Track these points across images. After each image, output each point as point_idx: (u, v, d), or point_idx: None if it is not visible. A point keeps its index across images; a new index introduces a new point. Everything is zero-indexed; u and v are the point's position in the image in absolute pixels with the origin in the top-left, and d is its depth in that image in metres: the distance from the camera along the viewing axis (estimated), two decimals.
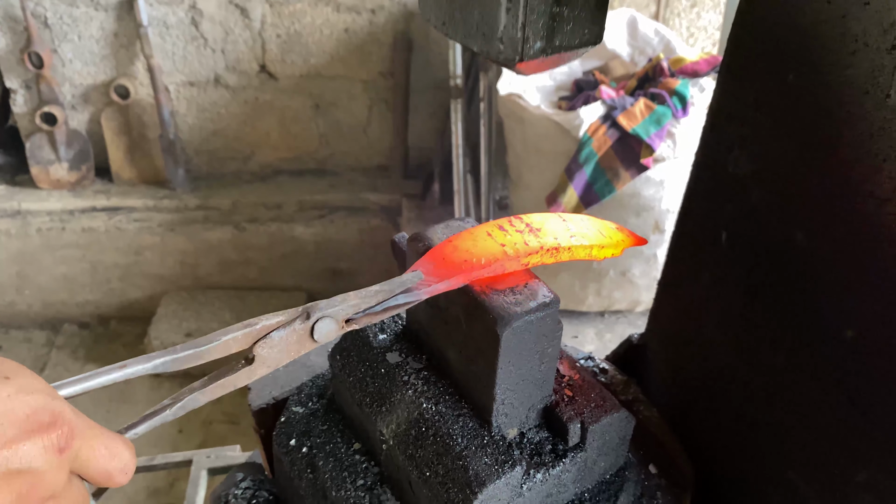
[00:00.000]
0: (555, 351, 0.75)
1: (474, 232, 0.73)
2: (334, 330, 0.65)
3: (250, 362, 0.63)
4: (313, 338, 0.65)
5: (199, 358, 0.61)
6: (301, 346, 0.65)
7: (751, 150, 0.87)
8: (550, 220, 0.76)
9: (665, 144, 2.15)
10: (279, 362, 0.64)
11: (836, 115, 0.70)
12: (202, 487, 1.69)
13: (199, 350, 0.60)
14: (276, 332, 0.63)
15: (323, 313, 0.64)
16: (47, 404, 0.49)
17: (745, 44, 0.88)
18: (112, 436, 0.54)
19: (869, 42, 0.66)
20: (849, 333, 0.71)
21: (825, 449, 0.76)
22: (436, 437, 0.75)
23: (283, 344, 0.64)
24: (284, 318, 0.63)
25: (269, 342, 0.63)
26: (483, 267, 0.69)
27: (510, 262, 0.71)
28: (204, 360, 0.61)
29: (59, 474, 0.49)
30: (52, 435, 0.48)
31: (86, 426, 0.52)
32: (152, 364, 0.59)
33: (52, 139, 3.08)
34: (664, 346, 1.17)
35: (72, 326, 3.33)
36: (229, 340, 0.61)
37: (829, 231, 0.74)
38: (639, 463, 0.93)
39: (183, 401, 0.61)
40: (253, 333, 0.62)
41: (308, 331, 0.64)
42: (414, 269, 0.70)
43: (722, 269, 0.96)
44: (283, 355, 0.64)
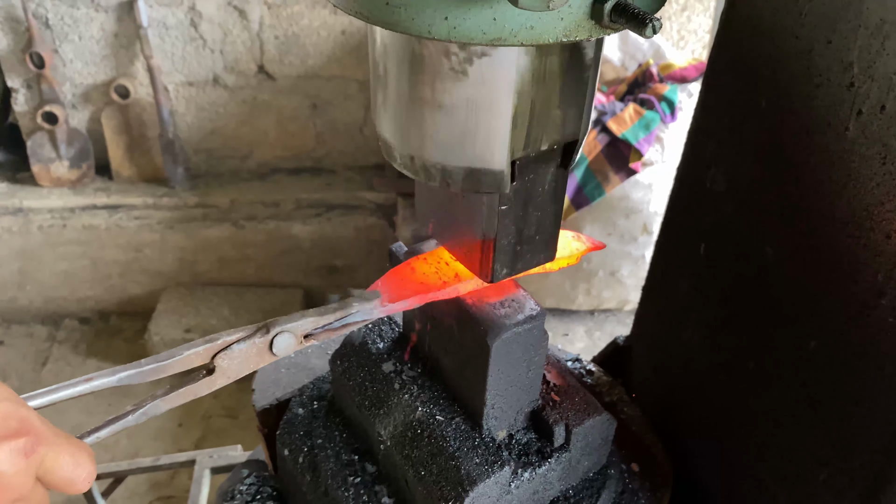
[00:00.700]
0: (541, 359, 0.81)
1: (435, 254, 0.79)
2: (293, 344, 0.70)
3: (211, 373, 0.67)
4: (272, 351, 0.69)
5: (163, 371, 0.65)
6: (260, 359, 0.69)
7: (726, 169, 0.93)
8: None
9: (654, 149, 2.20)
10: (238, 373, 0.68)
11: (802, 142, 0.76)
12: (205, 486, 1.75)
13: (163, 364, 0.64)
14: (237, 345, 0.67)
15: (282, 328, 0.68)
16: (15, 411, 0.51)
17: (723, 67, 0.94)
18: (77, 444, 0.55)
19: (831, 78, 0.72)
20: (812, 344, 0.77)
21: (791, 450, 0.82)
22: (430, 439, 0.81)
23: (242, 356, 0.67)
24: (244, 334, 0.68)
25: (229, 354, 0.67)
26: (438, 289, 0.75)
27: (466, 284, 0.76)
28: (167, 372, 0.65)
29: (24, 478, 0.51)
30: (20, 440, 0.50)
31: (52, 434, 0.53)
32: (117, 377, 0.63)
33: (53, 138, 3.11)
34: (647, 348, 1.23)
35: (73, 322, 3.37)
36: (192, 355, 0.65)
37: (795, 248, 0.79)
38: (621, 462, 0.98)
39: (145, 407, 0.65)
40: (214, 348, 0.66)
41: (267, 344, 0.68)
42: (373, 289, 0.75)
43: (701, 279, 1.01)
44: (242, 367, 0.68)
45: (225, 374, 0.68)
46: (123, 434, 2.78)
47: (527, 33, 0.50)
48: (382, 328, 0.94)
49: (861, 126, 0.68)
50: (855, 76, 0.68)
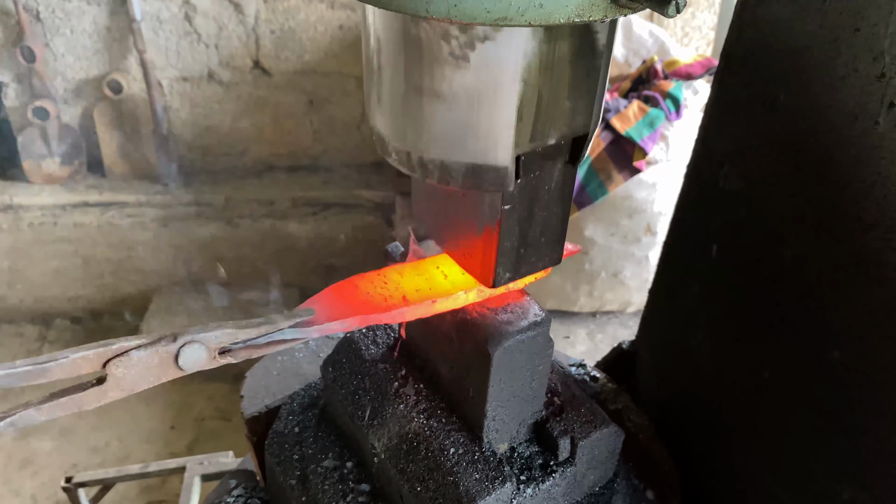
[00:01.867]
0: (545, 368, 0.76)
1: (382, 273, 0.73)
2: (204, 359, 0.60)
3: (101, 382, 0.58)
4: (178, 364, 0.59)
5: (41, 376, 0.55)
6: (163, 372, 0.59)
7: (740, 167, 0.88)
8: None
9: (658, 147, 2.16)
10: (136, 386, 0.58)
11: (826, 138, 0.71)
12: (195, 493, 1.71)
13: (42, 367, 0.54)
14: (136, 353, 0.57)
15: (192, 338, 0.59)
16: None
17: (737, 62, 0.89)
18: None
19: (859, 68, 0.67)
20: (835, 354, 0.72)
21: (809, 465, 0.77)
22: (427, 452, 0.76)
23: (141, 365, 0.58)
24: (146, 340, 0.58)
25: (125, 361, 0.57)
26: (382, 311, 0.67)
27: (413, 309, 0.69)
28: (47, 378, 0.55)
29: None
30: None
31: None
32: None
33: (45, 133, 3.06)
34: (654, 353, 1.18)
35: (64, 321, 3.32)
36: (78, 359, 0.56)
37: (815, 252, 0.74)
38: (627, 474, 0.94)
39: (14, 416, 0.55)
40: (107, 353, 0.57)
41: (173, 355, 0.59)
42: (309, 305, 0.67)
43: (711, 282, 0.97)
44: (140, 379, 0.58)
45: (118, 386, 0.57)
46: (114, 436, 2.73)
47: (535, 12, 0.45)
48: (377, 333, 0.89)
49: (893, 120, 0.63)
50: (886, 66, 0.64)
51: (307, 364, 1.06)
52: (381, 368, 0.85)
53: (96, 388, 0.57)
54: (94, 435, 2.72)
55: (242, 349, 0.62)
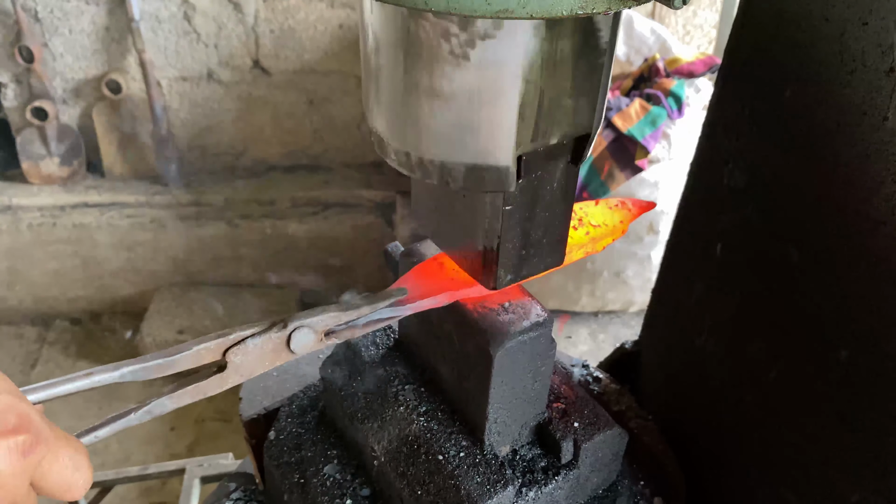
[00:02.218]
0: (548, 369, 0.75)
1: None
2: (312, 341, 0.64)
3: (222, 369, 0.61)
4: (290, 348, 0.63)
5: (170, 367, 0.59)
6: (277, 357, 0.63)
7: (746, 164, 0.86)
8: None
9: (660, 145, 2.14)
10: (253, 371, 0.62)
11: (834, 134, 0.70)
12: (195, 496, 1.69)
13: (170, 359, 0.59)
14: (251, 340, 0.61)
15: (301, 323, 0.63)
16: (14, 406, 0.47)
17: (742, 57, 0.87)
18: (77, 447, 0.51)
19: (867, 62, 0.65)
20: (843, 354, 0.70)
21: (818, 467, 0.76)
22: (427, 455, 0.75)
23: (257, 352, 0.62)
24: (260, 328, 0.62)
25: (242, 349, 0.61)
26: (469, 286, 0.69)
27: None
28: (174, 369, 0.59)
29: (20, 479, 0.47)
30: (18, 438, 0.46)
31: (52, 434, 0.49)
32: (119, 373, 0.57)
33: (43, 134, 3.05)
34: (658, 354, 1.17)
35: (63, 322, 3.31)
36: (202, 350, 0.60)
37: (823, 250, 0.73)
38: (631, 476, 0.92)
39: (149, 405, 0.59)
40: (226, 342, 0.60)
41: (285, 340, 0.63)
42: (399, 285, 0.70)
43: (716, 281, 0.95)
44: (257, 364, 0.62)
45: (238, 372, 0.62)
46: (114, 438, 2.72)
47: (537, 4, 0.43)
48: (376, 334, 0.88)
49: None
50: (895, 60, 0.62)
51: (306, 365, 1.05)
52: (380, 370, 0.83)
53: (218, 375, 0.61)
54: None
55: (345, 330, 0.66)
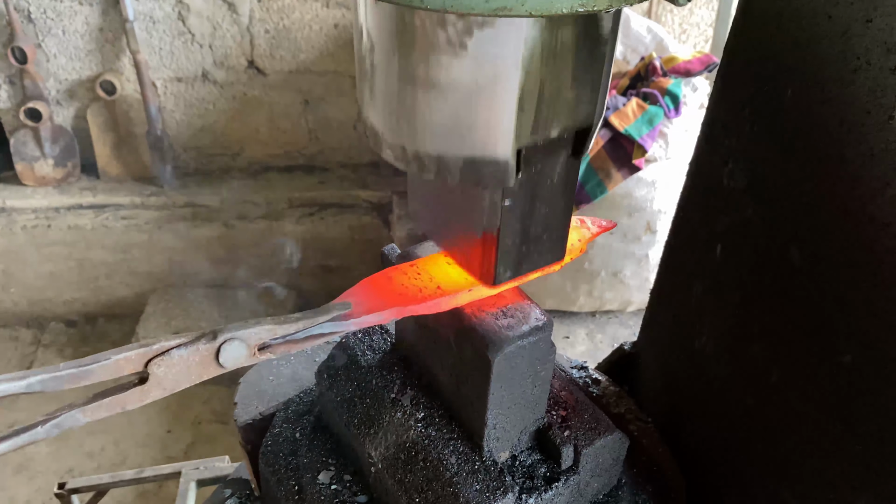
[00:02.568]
0: (547, 374, 0.74)
1: (416, 265, 0.71)
2: (244, 356, 0.61)
3: (143, 381, 0.58)
4: (219, 361, 0.60)
5: (85, 378, 0.55)
6: (204, 370, 0.60)
7: (746, 164, 0.85)
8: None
9: (657, 145, 2.13)
10: (177, 385, 0.59)
11: (837, 134, 0.69)
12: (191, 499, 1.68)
13: (86, 369, 0.55)
14: (177, 351, 0.58)
15: (232, 335, 0.59)
16: None
17: (742, 55, 0.86)
18: None
19: (871, 61, 0.64)
20: (846, 358, 0.69)
21: (821, 471, 0.75)
22: (425, 462, 0.74)
23: (182, 364, 0.58)
24: (186, 339, 0.59)
25: (166, 361, 0.57)
26: (418, 302, 0.67)
27: (448, 300, 0.68)
28: (90, 380, 0.56)
29: None
30: None
31: None
32: (26, 383, 0.53)
33: (37, 135, 3.03)
34: (657, 355, 1.15)
35: (58, 325, 3.29)
36: (121, 360, 0.56)
37: (826, 251, 0.72)
38: (631, 480, 0.91)
39: (59, 418, 0.55)
40: (148, 353, 0.57)
41: (213, 353, 0.59)
42: (345, 298, 0.67)
43: (716, 282, 0.94)
44: (182, 377, 0.59)
45: (161, 385, 0.58)
46: (110, 441, 2.70)
47: (536, 2, 0.42)
48: (373, 339, 0.87)
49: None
50: None
51: (302, 369, 1.04)
52: (377, 375, 0.82)
53: (138, 387, 0.58)
54: (90, 439, 2.69)
55: (281, 344, 0.62)
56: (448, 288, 0.68)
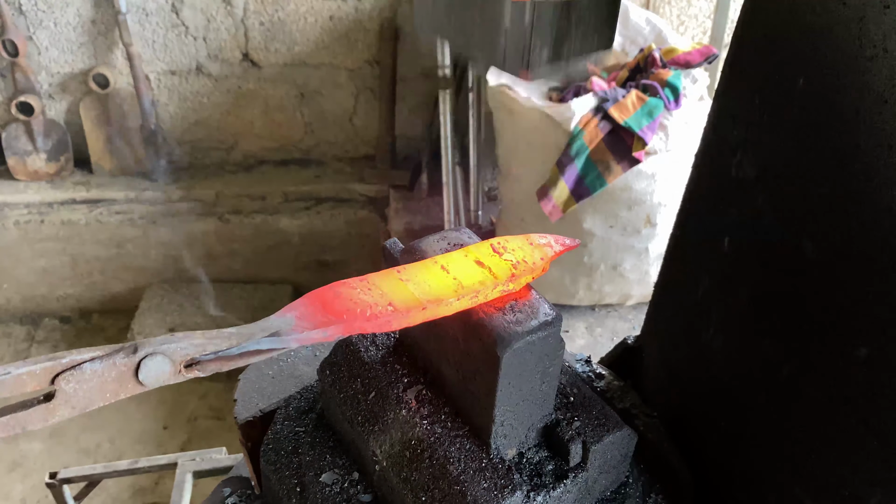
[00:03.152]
0: (556, 370, 0.72)
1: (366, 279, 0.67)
2: (167, 372, 0.55)
3: (49, 399, 0.52)
4: (138, 378, 0.54)
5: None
6: (121, 387, 0.54)
7: (756, 155, 0.84)
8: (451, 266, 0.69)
9: (657, 137, 2.11)
10: (89, 404, 0.53)
11: (852, 123, 0.67)
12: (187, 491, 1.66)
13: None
14: (90, 365, 0.52)
15: (154, 350, 0.54)
16: None
17: (751, 43, 0.84)
18: None
19: (889, 48, 0.62)
20: (862, 352, 0.68)
21: (835, 468, 0.74)
22: (431, 460, 0.72)
23: (96, 381, 0.52)
24: (101, 352, 0.53)
25: (77, 375, 0.52)
26: (367, 320, 0.62)
27: (399, 318, 0.63)
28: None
29: None
30: None
31: None
32: None
33: (29, 129, 2.99)
34: (662, 349, 1.14)
35: (52, 321, 3.26)
36: (23, 375, 0.50)
37: (840, 242, 0.70)
38: (638, 476, 0.90)
39: None
40: (55, 367, 0.51)
41: (133, 369, 0.54)
42: (288, 311, 0.61)
43: (724, 275, 0.92)
44: (95, 395, 0.53)
45: (69, 403, 0.52)
46: (105, 438, 2.68)
47: None
48: (377, 334, 0.85)
49: None
50: None
51: (304, 365, 1.02)
52: (381, 371, 0.80)
53: (43, 405, 0.52)
54: (85, 436, 2.67)
55: (212, 361, 0.56)
56: (401, 305, 0.63)
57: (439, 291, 0.65)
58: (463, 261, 0.69)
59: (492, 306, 0.68)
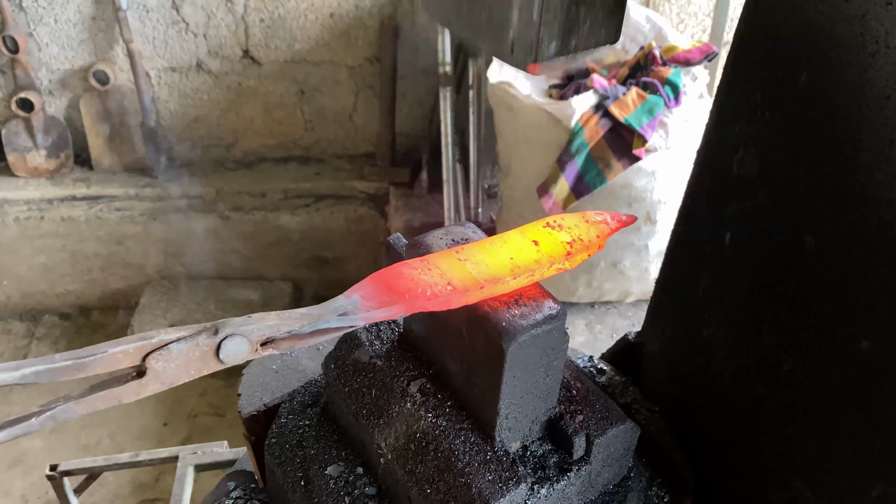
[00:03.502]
0: (560, 363, 0.73)
1: (427, 260, 0.69)
2: (245, 351, 0.59)
3: (141, 375, 0.56)
4: (219, 357, 0.58)
5: (80, 370, 0.54)
6: (204, 365, 0.58)
7: (758, 151, 0.84)
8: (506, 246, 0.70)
9: (657, 134, 2.12)
10: (176, 380, 0.57)
11: (854, 119, 0.68)
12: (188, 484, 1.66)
13: (81, 362, 0.53)
14: (176, 346, 0.56)
15: (233, 331, 0.58)
16: None
17: (753, 39, 0.85)
18: None
19: (890, 44, 0.63)
20: (863, 345, 0.69)
21: (836, 461, 0.74)
22: (436, 453, 0.73)
23: (181, 358, 0.57)
24: (186, 333, 0.57)
25: (164, 355, 0.56)
26: (427, 299, 0.64)
27: (458, 296, 0.65)
28: (86, 372, 0.54)
29: None
30: None
31: None
32: (20, 373, 0.52)
33: (29, 126, 2.99)
34: (662, 345, 1.15)
35: (52, 317, 3.27)
36: (118, 353, 0.55)
37: (842, 237, 0.71)
38: (641, 470, 0.91)
39: (54, 409, 0.54)
40: (146, 347, 0.56)
41: (214, 348, 0.58)
42: (354, 292, 0.64)
43: (725, 271, 0.93)
44: (181, 372, 0.57)
45: (158, 379, 0.57)
46: (105, 434, 2.69)
47: None
48: (381, 328, 0.86)
49: None
50: None
51: (307, 360, 1.03)
52: (385, 365, 0.81)
53: (136, 381, 0.56)
54: (85, 433, 2.68)
55: (286, 340, 0.60)
56: (459, 285, 0.66)
57: (496, 271, 0.67)
58: (519, 240, 0.70)
59: (497, 300, 0.68)
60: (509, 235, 0.72)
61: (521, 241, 0.71)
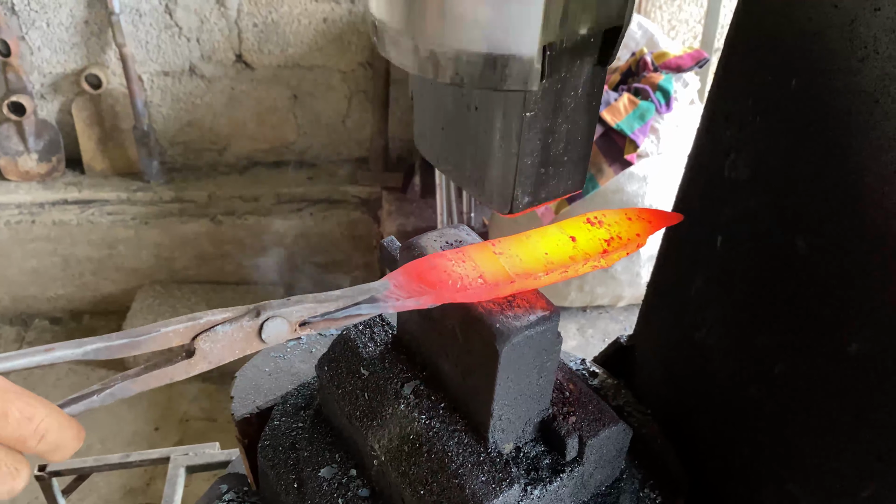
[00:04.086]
0: (553, 365, 0.73)
1: (462, 251, 0.69)
2: (285, 332, 0.63)
3: (190, 355, 0.60)
4: (261, 337, 0.62)
5: (135, 348, 0.58)
6: (248, 345, 0.62)
7: (749, 155, 0.85)
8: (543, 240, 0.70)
9: (649, 140, 2.13)
10: (222, 359, 0.61)
11: (844, 124, 0.68)
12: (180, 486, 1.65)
13: (136, 340, 0.57)
14: (222, 327, 0.60)
15: (274, 312, 0.61)
16: None
17: (744, 45, 0.86)
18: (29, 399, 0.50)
19: (879, 49, 0.64)
20: (853, 347, 0.69)
21: (828, 462, 0.75)
22: (430, 454, 0.73)
23: (227, 339, 0.61)
24: (232, 315, 0.61)
25: (212, 336, 0.60)
26: (458, 291, 0.65)
27: (489, 290, 0.66)
28: (140, 350, 0.58)
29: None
30: None
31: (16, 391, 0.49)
32: (82, 350, 0.56)
33: (21, 129, 2.98)
34: (655, 348, 1.15)
35: (43, 321, 3.25)
36: (169, 333, 0.58)
37: (832, 240, 0.72)
38: (633, 472, 0.91)
39: (113, 387, 0.58)
40: (196, 327, 0.59)
41: (256, 329, 0.62)
42: (387, 279, 0.66)
43: (717, 274, 0.94)
44: (226, 352, 0.61)
45: (206, 359, 0.60)
46: (96, 439, 2.67)
47: None
48: (374, 330, 0.86)
49: None
50: None
51: (300, 362, 1.03)
52: (379, 367, 0.81)
53: (186, 360, 0.60)
54: None
55: (321, 321, 0.64)
56: (490, 279, 0.66)
57: (529, 266, 0.67)
58: (556, 234, 0.70)
59: (491, 301, 0.69)
60: (548, 229, 0.72)
61: (558, 235, 0.70)
